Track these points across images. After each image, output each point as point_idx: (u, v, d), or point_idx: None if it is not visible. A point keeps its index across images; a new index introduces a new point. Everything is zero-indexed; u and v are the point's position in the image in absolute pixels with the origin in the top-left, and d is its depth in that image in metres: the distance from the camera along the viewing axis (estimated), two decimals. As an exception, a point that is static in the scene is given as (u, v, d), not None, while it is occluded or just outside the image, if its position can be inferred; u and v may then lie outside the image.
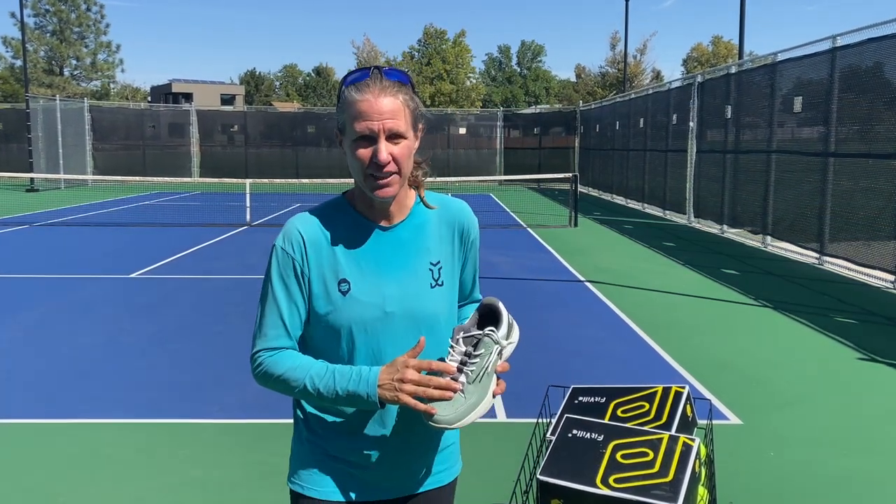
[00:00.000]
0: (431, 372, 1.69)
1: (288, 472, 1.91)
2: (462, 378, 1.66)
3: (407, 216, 1.85)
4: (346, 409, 1.81)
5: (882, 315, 8.12)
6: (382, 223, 1.83)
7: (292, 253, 1.77)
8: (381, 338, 1.79)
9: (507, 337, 1.76)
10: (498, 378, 1.74)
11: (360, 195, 1.82)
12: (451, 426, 1.63)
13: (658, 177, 19.20)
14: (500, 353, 1.73)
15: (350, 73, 1.75)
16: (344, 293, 1.76)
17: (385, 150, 1.69)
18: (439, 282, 1.85)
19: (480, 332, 1.72)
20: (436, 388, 1.65)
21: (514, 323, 1.85)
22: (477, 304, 2.05)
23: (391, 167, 1.71)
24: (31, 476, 4.17)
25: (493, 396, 1.70)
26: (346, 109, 1.72)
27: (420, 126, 1.81)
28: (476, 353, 1.69)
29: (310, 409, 1.87)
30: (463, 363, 1.68)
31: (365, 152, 1.70)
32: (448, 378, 1.67)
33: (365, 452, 1.83)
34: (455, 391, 1.65)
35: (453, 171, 30.38)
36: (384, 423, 1.82)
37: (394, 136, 1.70)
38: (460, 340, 1.72)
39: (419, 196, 1.90)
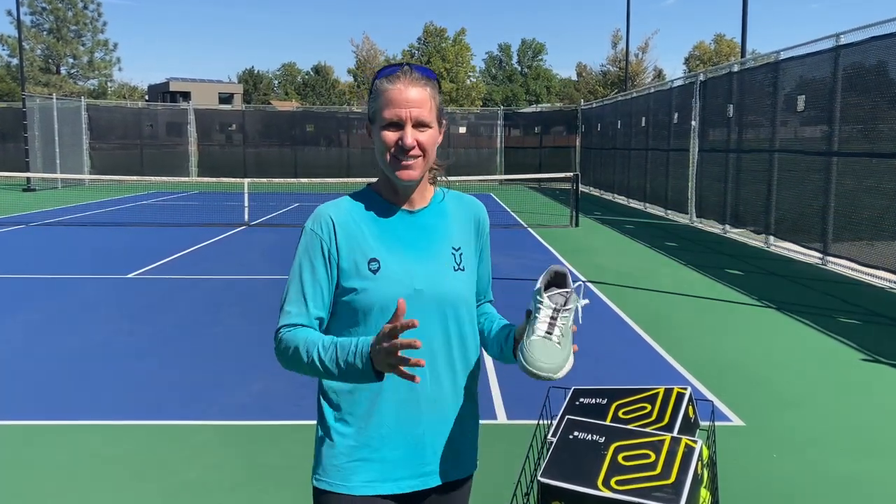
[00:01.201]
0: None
1: (312, 469, 1.90)
2: (557, 331, 1.71)
3: (429, 204, 1.95)
4: (375, 395, 1.83)
5: (886, 316, 8.06)
6: (406, 207, 1.91)
7: (320, 233, 1.84)
8: (409, 317, 1.77)
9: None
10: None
11: (385, 183, 1.91)
12: (555, 375, 1.67)
13: (660, 176, 19.14)
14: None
15: (383, 67, 1.89)
16: (374, 272, 1.82)
17: (411, 135, 1.80)
18: (461, 266, 1.92)
19: (568, 290, 1.78)
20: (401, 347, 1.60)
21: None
22: (489, 304, 2.13)
23: (416, 151, 1.81)
24: (26, 479, 4.13)
25: (574, 351, 1.76)
26: (377, 98, 1.83)
27: (443, 122, 1.92)
28: (566, 307, 1.75)
29: (337, 397, 1.87)
30: (554, 317, 1.73)
31: (391, 136, 1.81)
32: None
33: (397, 439, 1.84)
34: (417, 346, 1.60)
35: (453, 171, 30.16)
36: (416, 407, 1.85)
37: (419, 125, 1.81)
38: (551, 297, 1.77)
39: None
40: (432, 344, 1.84)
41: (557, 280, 1.84)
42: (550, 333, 1.71)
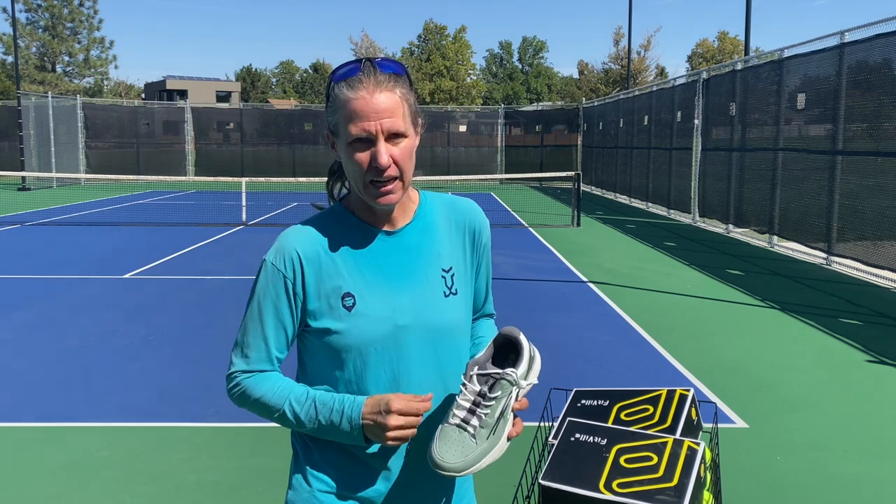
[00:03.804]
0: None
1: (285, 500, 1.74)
2: (475, 421, 1.52)
3: (412, 219, 1.70)
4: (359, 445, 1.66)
5: (891, 316, 7.97)
6: (386, 228, 1.67)
7: (284, 270, 1.61)
8: (393, 356, 1.62)
9: (526, 376, 1.59)
10: (515, 416, 1.59)
11: (359, 199, 1.67)
12: (459, 474, 1.49)
13: (662, 175, 19.07)
14: (517, 395, 1.57)
15: (339, 67, 1.59)
16: (349, 308, 1.60)
17: (385, 152, 1.53)
18: (453, 290, 1.69)
19: (498, 371, 1.55)
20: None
21: (537, 355, 1.67)
22: (489, 319, 1.91)
23: (392, 171, 1.55)
24: (22, 481, 4.08)
25: (508, 440, 1.56)
26: (339, 109, 1.56)
27: (420, 122, 1.65)
28: (491, 395, 1.53)
29: (313, 442, 1.69)
30: (476, 404, 1.53)
31: (363, 156, 1.55)
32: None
33: (379, 488, 1.67)
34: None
35: (453, 170, 30.33)
36: (400, 453, 1.67)
37: (393, 137, 1.55)
38: (474, 378, 1.54)
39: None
40: (424, 383, 1.65)
41: (508, 347, 1.61)
42: (466, 423, 1.51)
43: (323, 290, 1.61)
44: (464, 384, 1.55)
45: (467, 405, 1.53)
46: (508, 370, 1.55)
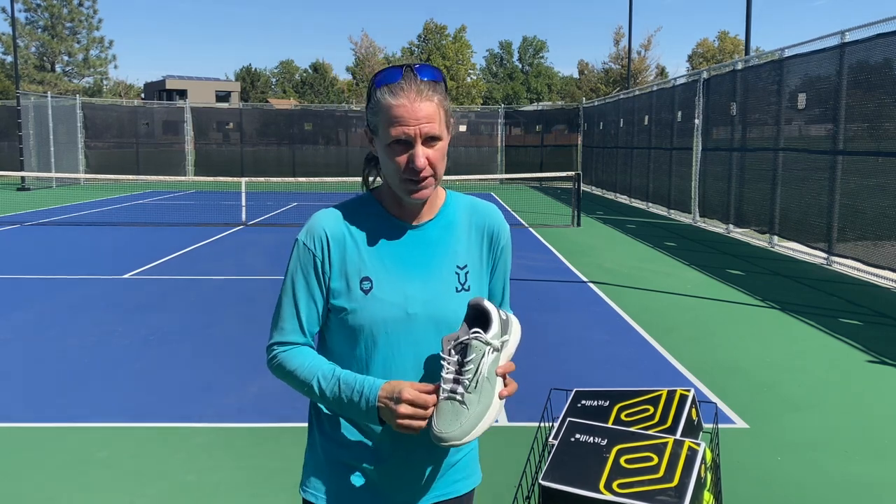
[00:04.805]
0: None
1: (301, 479, 1.88)
2: (460, 389, 1.60)
3: (435, 216, 1.82)
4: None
5: (891, 316, 7.97)
6: (410, 221, 1.80)
7: (313, 249, 1.75)
8: (401, 341, 1.75)
9: (500, 335, 1.66)
10: (505, 379, 1.67)
11: (389, 193, 1.80)
12: (460, 441, 1.58)
13: (662, 175, 19.06)
14: (497, 354, 1.65)
15: (381, 71, 1.72)
16: (366, 291, 1.73)
17: (422, 155, 1.66)
18: (465, 286, 1.80)
19: (467, 336, 1.63)
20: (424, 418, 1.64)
21: (512, 318, 1.76)
22: None
23: (427, 171, 1.69)
24: (20, 482, 4.07)
25: (501, 398, 1.65)
26: (380, 113, 1.68)
27: (452, 121, 1.79)
28: (467, 359, 1.61)
29: (325, 413, 1.83)
30: (458, 373, 1.62)
31: (401, 158, 1.68)
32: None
33: (382, 459, 1.79)
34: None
35: (453, 170, 30.27)
36: (403, 435, 1.76)
37: (430, 140, 1.68)
38: (451, 351, 1.63)
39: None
40: (431, 371, 1.75)
41: (479, 317, 1.69)
42: (454, 393, 1.59)
43: (344, 271, 1.74)
44: (443, 359, 1.63)
45: (451, 377, 1.61)
46: (474, 331, 1.63)
